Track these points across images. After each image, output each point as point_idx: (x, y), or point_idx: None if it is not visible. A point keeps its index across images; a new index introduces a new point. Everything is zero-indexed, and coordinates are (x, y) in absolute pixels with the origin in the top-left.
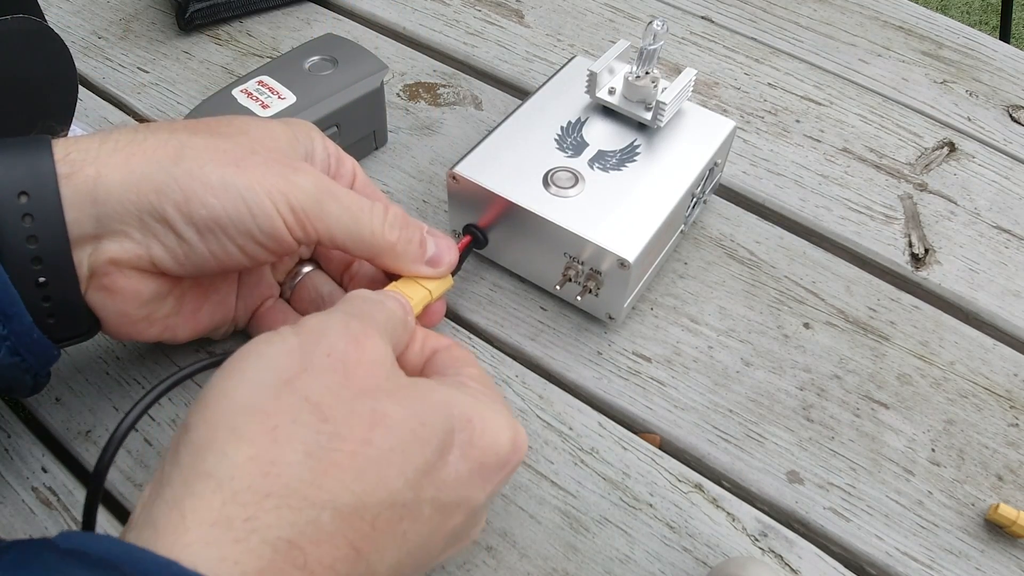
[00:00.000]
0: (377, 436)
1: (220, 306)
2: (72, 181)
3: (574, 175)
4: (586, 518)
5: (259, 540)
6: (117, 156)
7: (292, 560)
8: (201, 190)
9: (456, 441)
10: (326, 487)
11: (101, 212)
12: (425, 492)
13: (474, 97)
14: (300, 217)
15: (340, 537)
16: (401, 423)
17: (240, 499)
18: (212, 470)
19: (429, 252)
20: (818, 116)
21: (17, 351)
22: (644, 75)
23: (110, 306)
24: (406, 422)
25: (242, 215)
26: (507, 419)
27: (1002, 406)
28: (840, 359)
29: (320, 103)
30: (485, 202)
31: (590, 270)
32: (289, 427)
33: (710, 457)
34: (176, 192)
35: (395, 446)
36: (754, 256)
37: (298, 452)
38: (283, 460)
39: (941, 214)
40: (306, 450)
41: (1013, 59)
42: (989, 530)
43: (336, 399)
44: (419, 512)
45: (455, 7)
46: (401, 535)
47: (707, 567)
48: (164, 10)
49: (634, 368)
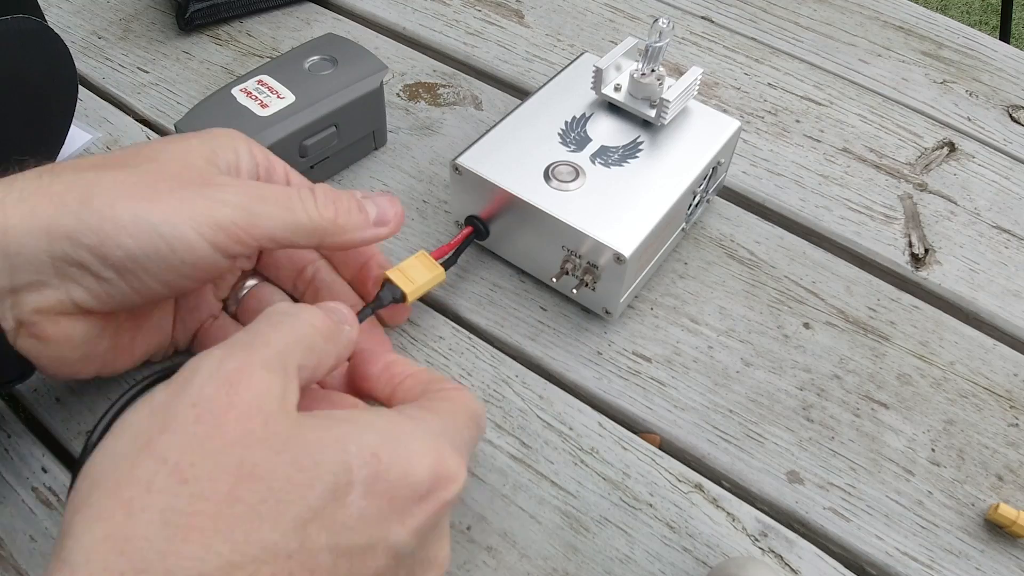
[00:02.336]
0: (244, 491)
1: (156, 332)
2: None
3: (575, 169)
4: (586, 518)
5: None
6: (23, 206)
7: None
8: (114, 231)
9: (355, 479)
10: (188, 554)
11: (13, 263)
12: (315, 540)
13: (474, 97)
14: (232, 232)
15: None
16: (272, 472)
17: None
18: (67, 556)
19: (372, 215)
20: (818, 116)
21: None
22: (650, 72)
23: (44, 352)
24: (278, 470)
25: (160, 251)
26: (428, 447)
27: (1002, 406)
28: (840, 359)
29: (319, 103)
30: (487, 193)
31: (587, 264)
32: (143, 497)
33: (710, 457)
34: (88, 236)
35: (266, 498)
36: (754, 256)
37: (154, 523)
38: (138, 535)
39: (941, 214)
40: (163, 519)
41: (1013, 59)
42: (989, 530)
43: (197, 455)
44: (315, 563)
45: (455, 7)
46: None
47: (707, 567)
48: (164, 10)
49: (634, 368)
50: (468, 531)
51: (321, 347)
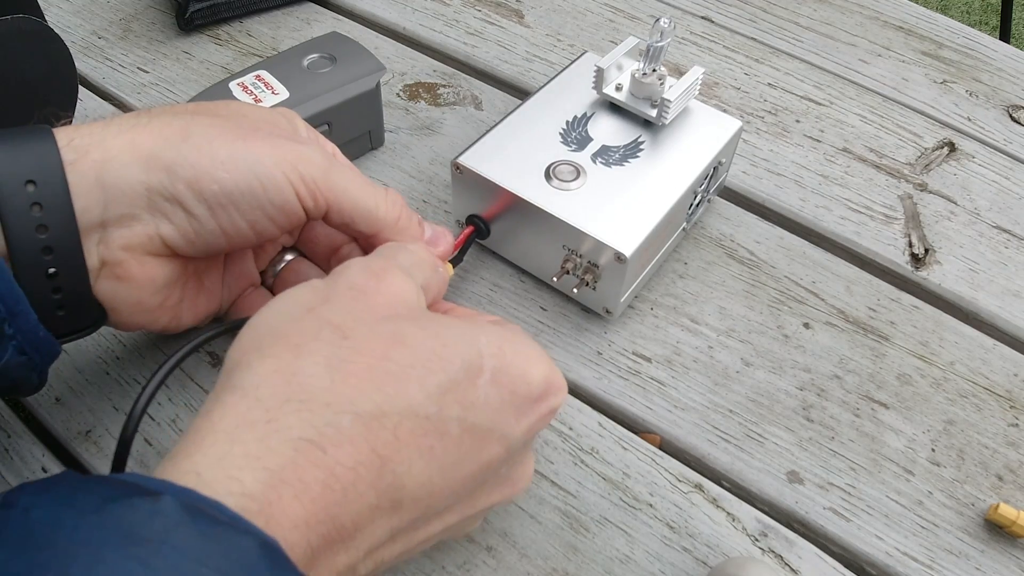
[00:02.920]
0: (396, 353)
1: (213, 293)
2: (78, 167)
3: (576, 169)
4: (586, 518)
5: (280, 440)
6: (122, 138)
7: (312, 459)
8: (211, 165)
9: (486, 366)
10: (345, 394)
11: (108, 196)
12: (450, 410)
13: (474, 97)
14: (311, 187)
15: (361, 441)
16: (421, 343)
17: (263, 404)
18: (238, 383)
19: (427, 234)
20: (818, 116)
21: (23, 350)
22: (651, 72)
23: (123, 295)
24: (426, 342)
25: (253, 188)
26: (541, 356)
27: (1002, 406)
28: (840, 359)
29: (311, 101)
30: (487, 192)
31: (588, 263)
32: (311, 344)
33: (710, 457)
34: (186, 168)
35: (414, 363)
36: (754, 256)
37: (319, 364)
38: (304, 371)
39: (941, 214)
40: (327, 363)
41: (1013, 59)
42: (989, 530)
43: (356, 321)
44: (446, 429)
45: (455, 7)
46: (428, 450)
47: (707, 567)
48: (164, 10)
49: (634, 368)
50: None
51: (431, 275)
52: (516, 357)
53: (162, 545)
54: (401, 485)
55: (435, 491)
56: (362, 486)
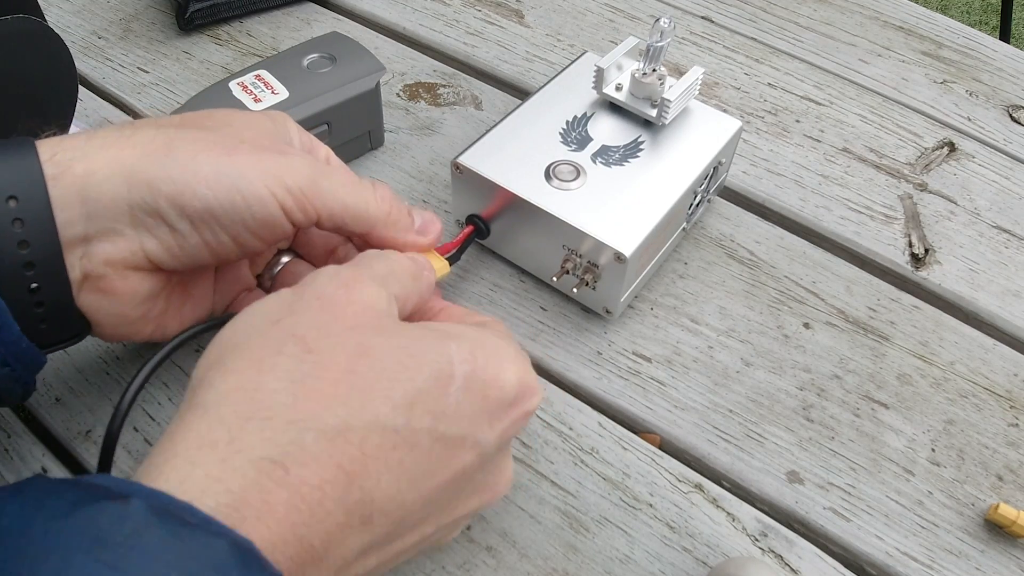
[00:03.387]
0: (361, 366)
1: (201, 301)
2: (60, 182)
3: (576, 168)
4: (586, 518)
5: (243, 460)
6: (106, 153)
7: (276, 479)
8: (194, 181)
9: (457, 372)
10: (309, 410)
11: (91, 210)
12: (419, 420)
13: (474, 97)
14: (299, 198)
15: (326, 458)
16: (387, 354)
17: (225, 423)
18: (200, 400)
19: (417, 222)
20: (818, 116)
21: (6, 361)
22: (651, 72)
23: (106, 308)
24: (392, 353)
25: (236, 204)
26: (516, 359)
27: (1002, 406)
28: (840, 359)
29: (310, 100)
30: (487, 192)
31: (588, 263)
32: (274, 358)
33: (710, 457)
34: (168, 184)
35: (380, 375)
36: (754, 256)
37: (282, 380)
38: (267, 387)
39: (941, 214)
40: (290, 377)
41: (1013, 59)
42: (989, 530)
43: (321, 333)
44: (415, 440)
45: (455, 7)
46: (396, 463)
47: (707, 567)
48: (164, 10)
49: (634, 368)
50: (468, 531)
51: (409, 284)
52: (489, 361)
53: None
54: (370, 500)
55: (407, 503)
56: (329, 504)
